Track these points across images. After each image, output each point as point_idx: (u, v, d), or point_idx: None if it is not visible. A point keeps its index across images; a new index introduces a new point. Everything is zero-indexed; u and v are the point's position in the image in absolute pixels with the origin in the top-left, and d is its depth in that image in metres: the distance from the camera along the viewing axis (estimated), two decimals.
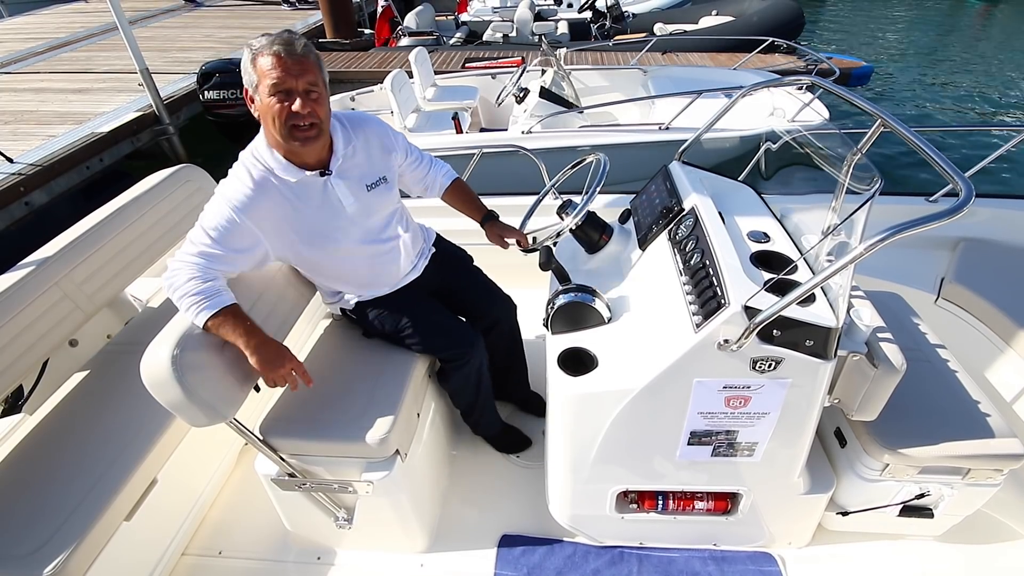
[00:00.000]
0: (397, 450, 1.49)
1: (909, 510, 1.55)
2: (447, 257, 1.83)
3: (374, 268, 1.61)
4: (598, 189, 1.55)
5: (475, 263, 1.91)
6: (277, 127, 1.29)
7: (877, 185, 1.16)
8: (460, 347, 1.66)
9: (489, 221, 1.79)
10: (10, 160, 4.57)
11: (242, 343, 1.29)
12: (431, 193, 1.79)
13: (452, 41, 8.32)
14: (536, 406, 2.12)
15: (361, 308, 1.67)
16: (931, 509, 1.55)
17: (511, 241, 1.78)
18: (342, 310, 1.72)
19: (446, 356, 1.69)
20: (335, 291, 1.67)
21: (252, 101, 1.32)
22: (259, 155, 1.37)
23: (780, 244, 1.45)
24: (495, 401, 1.92)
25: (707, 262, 1.30)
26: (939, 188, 2.31)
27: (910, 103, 8.19)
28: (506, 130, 4.45)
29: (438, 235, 1.87)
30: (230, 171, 1.38)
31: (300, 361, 1.38)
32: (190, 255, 1.31)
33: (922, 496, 1.50)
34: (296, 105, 1.27)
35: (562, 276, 1.55)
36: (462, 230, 1.98)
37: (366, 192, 1.51)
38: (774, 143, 1.73)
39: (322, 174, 1.42)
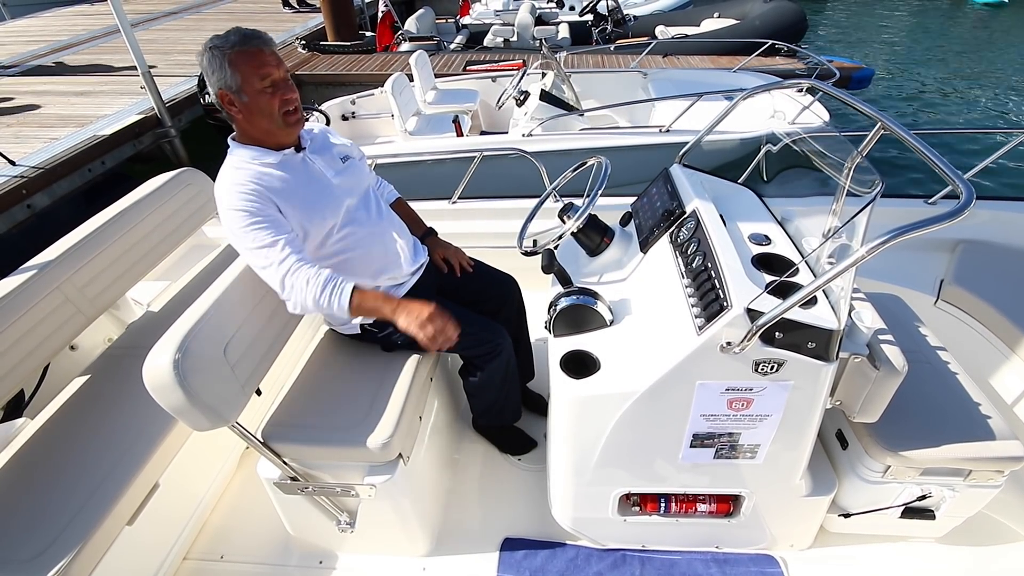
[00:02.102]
0: (400, 453, 1.49)
1: (911, 512, 1.55)
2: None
3: (384, 243, 1.63)
4: (599, 192, 1.55)
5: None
6: (275, 118, 1.36)
7: (878, 188, 1.17)
8: (491, 341, 1.66)
9: (429, 236, 1.87)
10: (12, 163, 4.57)
11: (387, 310, 1.35)
12: None
13: (453, 45, 8.33)
14: (538, 405, 2.12)
15: (383, 322, 1.62)
16: (933, 511, 1.55)
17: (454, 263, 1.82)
18: (362, 327, 1.67)
19: (479, 352, 1.68)
20: None
21: (231, 104, 1.35)
22: (238, 157, 1.42)
23: (781, 247, 1.45)
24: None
25: (709, 264, 1.30)
26: (939, 190, 2.32)
27: (910, 106, 8.20)
28: (506, 133, 4.46)
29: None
30: (219, 188, 1.39)
31: (446, 312, 1.36)
32: (281, 264, 1.34)
33: (924, 498, 1.50)
34: (286, 93, 1.35)
35: (564, 279, 1.56)
36: (462, 233, 1.99)
37: (342, 164, 1.58)
38: (775, 146, 1.74)
39: (298, 150, 1.49)
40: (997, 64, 10.00)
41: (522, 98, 4.68)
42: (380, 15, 8.31)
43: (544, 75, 4.87)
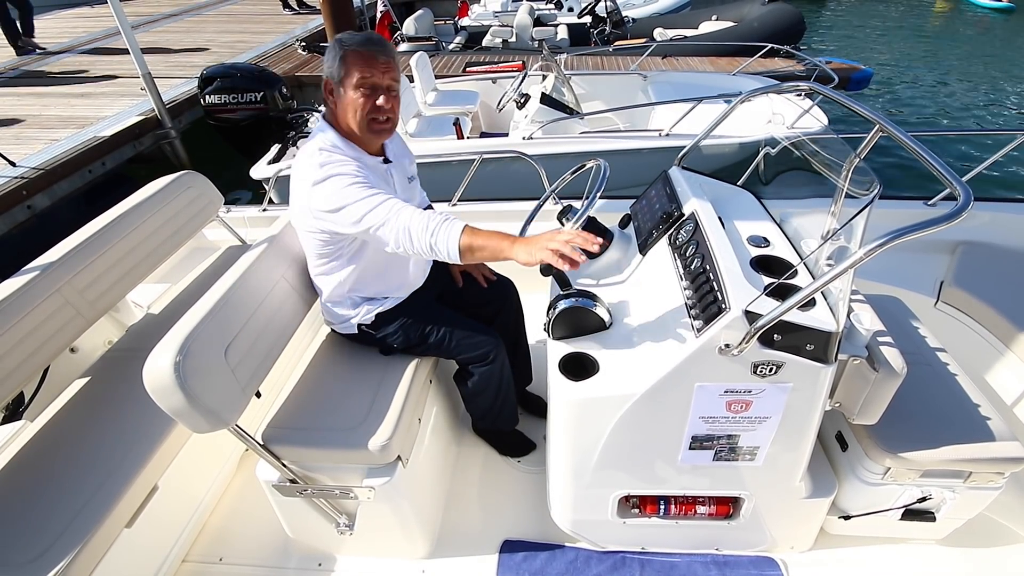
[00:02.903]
0: (399, 456, 1.49)
1: (911, 514, 1.55)
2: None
3: (415, 264, 1.69)
4: (598, 195, 1.56)
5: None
6: (357, 119, 1.41)
7: (876, 190, 1.17)
8: (485, 346, 1.67)
9: None
10: (13, 164, 4.58)
11: (502, 248, 1.25)
12: None
13: (451, 46, 8.35)
14: (537, 408, 2.12)
15: (381, 321, 1.66)
16: (933, 513, 1.55)
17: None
18: (359, 327, 1.68)
19: (473, 357, 1.69)
20: (366, 298, 1.65)
21: (331, 93, 1.44)
22: (335, 145, 1.43)
23: (780, 249, 1.45)
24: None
25: (708, 267, 1.30)
26: (937, 192, 2.32)
27: (909, 108, 8.21)
28: (507, 135, 4.46)
29: None
30: (308, 162, 1.39)
31: (572, 232, 1.21)
32: (390, 208, 1.29)
33: (924, 500, 1.50)
34: (380, 100, 1.40)
35: (563, 281, 1.56)
36: None
37: (408, 184, 1.66)
38: (773, 148, 1.74)
39: (385, 161, 1.55)
40: (996, 66, 10.01)
41: (523, 101, 4.69)
42: (378, 16, 8.33)
43: (544, 77, 4.88)
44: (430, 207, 1.90)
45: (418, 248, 1.30)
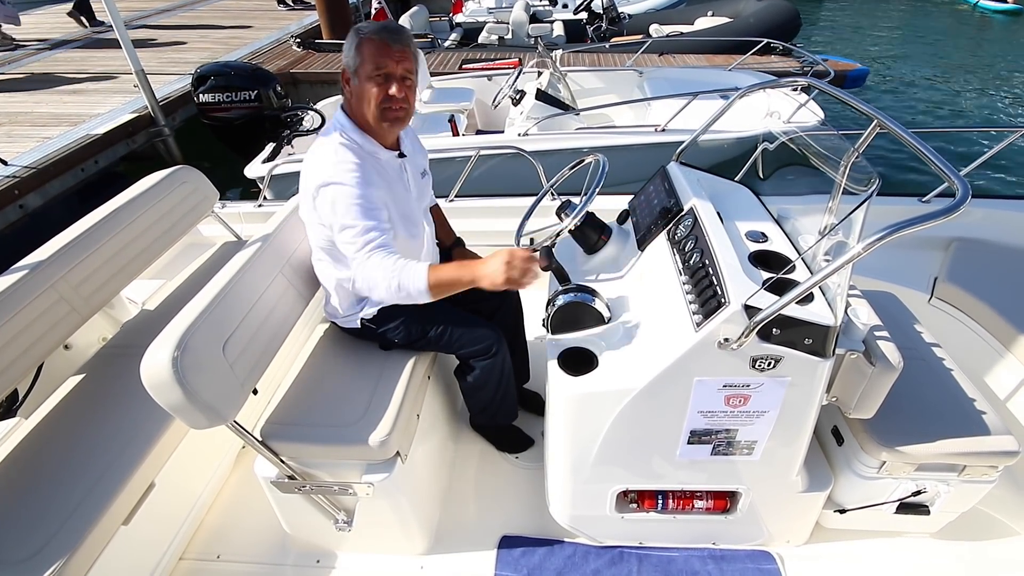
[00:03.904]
0: (397, 452, 1.49)
1: (906, 507, 1.56)
2: (442, 255, 1.88)
3: (427, 253, 1.70)
4: (597, 190, 1.56)
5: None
6: (372, 107, 1.41)
7: (875, 185, 1.17)
8: (486, 340, 1.67)
9: (457, 248, 1.92)
10: (4, 163, 4.53)
11: (467, 279, 1.34)
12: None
13: (447, 44, 8.31)
14: (535, 404, 2.12)
15: (383, 316, 1.65)
16: (927, 506, 1.56)
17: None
18: (362, 321, 1.68)
19: (474, 352, 1.69)
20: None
21: (347, 82, 1.44)
22: (348, 135, 1.45)
23: (778, 244, 1.46)
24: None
25: (706, 261, 1.31)
26: (931, 190, 2.34)
27: (905, 105, 8.24)
28: (503, 132, 4.45)
29: None
30: (321, 159, 1.41)
31: (520, 250, 1.34)
32: (363, 251, 1.36)
33: (918, 493, 1.52)
34: (393, 89, 1.39)
35: (562, 276, 1.56)
36: (459, 232, 1.99)
37: (420, 179, 1.67)
38: (771, 144, 1.75)
39: (400, 155, 1.55)
40: (993, 63, 10.03)
41: (518, 97, 4.67)
42: (373, 12, 8.28)
43: (540, 74, 4.87)
44: (437, 207, 1.91)
45: (382, 294, 1.37)
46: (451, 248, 1.93)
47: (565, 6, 9.66)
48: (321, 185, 1.39)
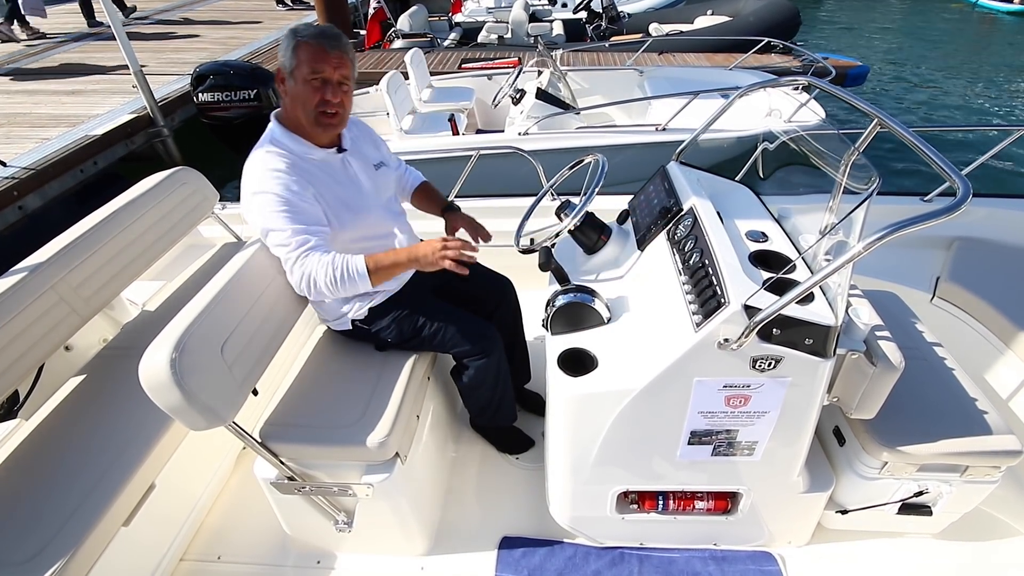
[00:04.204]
0: (397, 453, 1.49)
1: (908, 508, 1.56)
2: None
3: (404, 244, 1.68)
4: (596, 190, 1.55)
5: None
6: (306, 111, 1.42)
7: (876, 184, 1.17)
8: (482, 340, 1.66)
9: (449, 211, 1.86)
10: (3, 164, 4.53)
11: (404, 262, 1.43)
12: (404, 195, 1.90)
13: (446, 43, 8.30)
14: (535, 405, 2.12)
15: (374, 315, 1.65)
16: (929, 507, 1.56)
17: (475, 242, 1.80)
18: (353, 322, 1.68)
19: (469, 351, 1.68)
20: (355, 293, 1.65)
21: (283, 82, 1.44)
22: (278, 143, 1.46)
23: (779, 244, 1.45)
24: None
25: (706, 261, 1.30)
26: (932, 189, 2.33)
27: (906, 103, 8.23)
28: (502, 131, 4.45)
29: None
30: (251, 170, 1.43)
31: (451, 237, 1.45)
32: (298, 251, 1.39)
33: (920, 494, 1.51)
34: (328, 94, 1.40)
35: (561, 277, 1.55)
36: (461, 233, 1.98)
37: (375, 171, 1.65)
38: (771, 143, 1.74)
39: (339, 151, 1.55)
40: (999, 66, 9.98)
41: (518, 96, 4.67)
42: (372, 12, 8.25)
43: (540, 73, 4.86)
44: (426, 183, 1.90)
45: (323, 287, 1.41)
46: (444, 212, 1.85)
47: (564, 5, 9.65)
48: (253, 193, 1.41)
